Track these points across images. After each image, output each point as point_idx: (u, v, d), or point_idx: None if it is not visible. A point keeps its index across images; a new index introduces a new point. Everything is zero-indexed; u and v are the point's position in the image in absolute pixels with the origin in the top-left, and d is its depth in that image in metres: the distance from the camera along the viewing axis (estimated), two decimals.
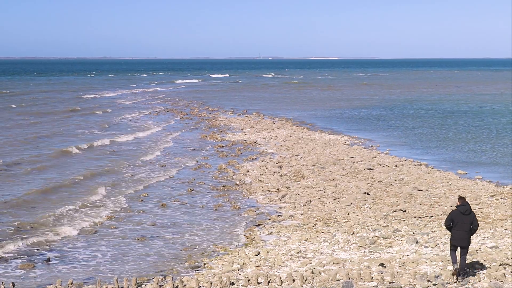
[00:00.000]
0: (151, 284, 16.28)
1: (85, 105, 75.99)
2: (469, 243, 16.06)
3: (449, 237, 16.39)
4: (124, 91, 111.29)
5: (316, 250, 19.14)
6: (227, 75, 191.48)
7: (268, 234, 21.36)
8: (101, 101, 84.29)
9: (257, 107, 74.24)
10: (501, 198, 25.71)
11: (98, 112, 67.83)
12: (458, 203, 16.11)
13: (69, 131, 50.43)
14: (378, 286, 15.81)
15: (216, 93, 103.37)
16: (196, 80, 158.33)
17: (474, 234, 19.84)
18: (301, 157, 36.61)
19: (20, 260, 18.62)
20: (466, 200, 17.03)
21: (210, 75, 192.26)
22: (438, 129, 52.08)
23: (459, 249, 16.16)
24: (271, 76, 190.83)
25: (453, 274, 16.08)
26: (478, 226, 16.11)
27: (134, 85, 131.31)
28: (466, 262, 16.72)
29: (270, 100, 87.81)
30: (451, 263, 16.39)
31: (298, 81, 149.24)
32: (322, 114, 66.03)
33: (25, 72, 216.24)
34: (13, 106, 72.45)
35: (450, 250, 16.23)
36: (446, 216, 16.56)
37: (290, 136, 46.18)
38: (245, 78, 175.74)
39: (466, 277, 16.03)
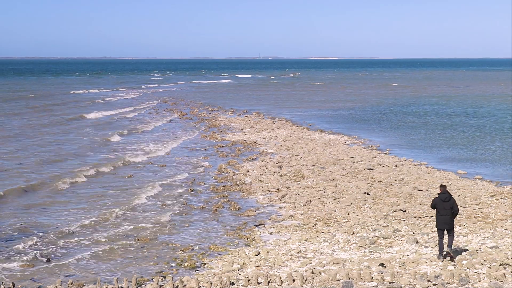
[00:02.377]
0: (151, 284, 16.28)
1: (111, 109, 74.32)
2: (452, 226, 17.84)
3: (435, 223, 17.99)
4: (151, 90, 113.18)
5: (316, 250, 19.14)
6: (250, 75, 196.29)
7: (268, 234, 21.36)
8: (123, 103, 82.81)
9: (261, 106, 74.31)
10: (501, 198, 25.71)
11: (128, 116, 66.09)
12: (440, 191, 17.84)
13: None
14: (378, 286, 15.81)
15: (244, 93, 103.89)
16: (228, 80, 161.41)
17: (475, 235, 20.06)
18: (301, 157, 36.60)
19: (21, 260, 18.61)
20: (447, 188, 19.35)
21: (237, 75, 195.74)
22: (439, 129, 52.04)
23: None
24: (291, 76, 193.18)
25: (442, 258, 17.59)
26: (458, 210, 17.89)
27: (165, 84, 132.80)
28: (466, 262, 17.11)
29: (274, 99, 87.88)
30: (438, 250, 18.08)
31: (323, 82, 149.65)
32: (322, 114, 66.01)
33: (38, 72, 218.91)
34: (51, 108, 71.89)
35: (438, 236, 17.84)
36: (430, 202, 18.55)
37: (290, 136, 46.18)
38: (266, 77, 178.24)
39: (455, 257, 17.61)
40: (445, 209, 17.61)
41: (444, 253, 17.74)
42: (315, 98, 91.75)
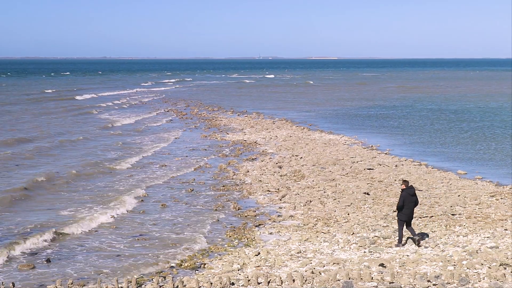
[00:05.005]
0: (151, 284, 16.28)
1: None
2: (412, 217, 19.47)
3: (400, 215, 19.14)
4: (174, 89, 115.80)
5: (316, 250, 19.13)
6: (273, 76, 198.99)
7: (268, 234, 21.35)
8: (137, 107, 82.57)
9: (266, 106, 74.34)
10: (501, 198, 25.70)
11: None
12: (404, 187, 19.17)
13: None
14: (378, 286, 15.80)
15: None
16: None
17: (475, 235, 20.16)
18: (301, 157, 36.60)
19: (20, 260, 18.61)
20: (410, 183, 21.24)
21: (266, 76, 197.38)
22: (441, 129, 51.99)
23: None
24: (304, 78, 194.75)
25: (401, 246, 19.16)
26: (418, 202, 19.61)
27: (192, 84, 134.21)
28: (466, 262, 17.16)
29: (278, 99, 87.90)
30: (398, 241, 19.36)
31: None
32: (323, 114, 66.01)
33: (43, 72, 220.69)
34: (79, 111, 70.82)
35: (399, 227, 19.19)
36: (399, 199, 19.18)
37: (290, 136, 46.17)
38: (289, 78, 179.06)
39: (421, 242, 19.20)
40: (411, 203, 19.12)
41: (417, 239, 19.18)
42: (316, 98, 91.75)
